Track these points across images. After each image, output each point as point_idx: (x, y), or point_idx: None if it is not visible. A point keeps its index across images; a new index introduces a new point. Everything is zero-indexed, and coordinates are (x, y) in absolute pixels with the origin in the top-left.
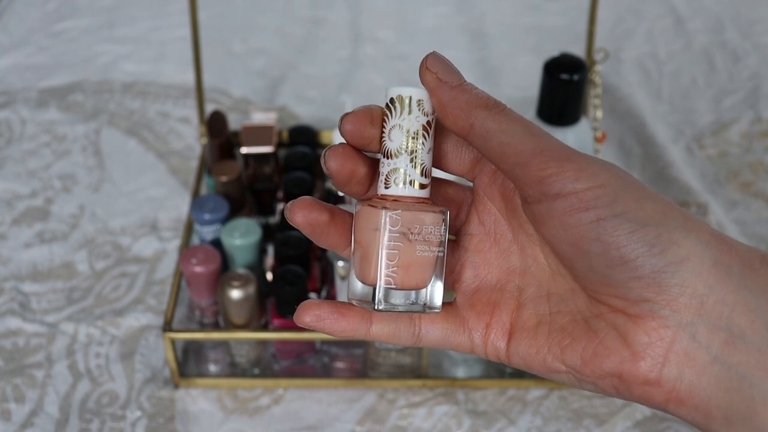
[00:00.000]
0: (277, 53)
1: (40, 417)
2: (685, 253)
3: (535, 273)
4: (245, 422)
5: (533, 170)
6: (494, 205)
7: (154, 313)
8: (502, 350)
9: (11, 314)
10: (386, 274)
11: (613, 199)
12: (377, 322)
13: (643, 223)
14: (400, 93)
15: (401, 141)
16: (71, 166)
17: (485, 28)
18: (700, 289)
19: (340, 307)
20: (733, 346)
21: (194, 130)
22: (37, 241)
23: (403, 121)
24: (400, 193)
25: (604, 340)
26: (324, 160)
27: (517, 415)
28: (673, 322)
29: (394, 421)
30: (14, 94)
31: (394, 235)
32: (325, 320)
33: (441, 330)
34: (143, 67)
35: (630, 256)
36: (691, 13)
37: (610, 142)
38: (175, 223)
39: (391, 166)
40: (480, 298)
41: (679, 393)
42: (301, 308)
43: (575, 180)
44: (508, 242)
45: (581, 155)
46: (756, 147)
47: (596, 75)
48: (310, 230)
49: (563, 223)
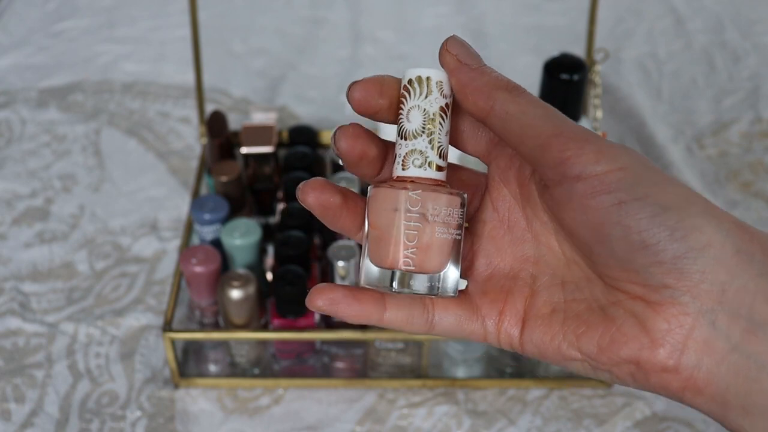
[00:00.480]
0: (277, 53)
1: (40, 417)
2: (707, 239)
3: (549, 261)
4: (245, 422)
5: (554, 152)
6: (509, 192)
7: (154, 313)
8: (515, 338)
9: (11, 314)
10: (405, 255)
11: (635, 182)
12: (391, 307)
13: (665, 207)
14: (420, 74)
15: (420, 122)
16: (71, 166)
17: (485, 28)
18: (722, 276)
19: (355, 291)
20: (753, 334)
21: (194, 130)
22: (37, 241)
23: (422, 102)
24: (418, 174)
25: (622, 327)
26: (334, 140)
27: (517, 415)
28: (693, 309)
29: (394, 421)
30: (14, 94)
31: (414, 215)
32: (339, 304)
33: (454, 317)
34: (143, 67)
35: (651, 240)
36: (691, 13)
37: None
38: (175, 223)
39: (410, 147)
40: (493, 285)
41: (696, 381)
42: (314, 292)
43: (596, 162)
44: (521, 230)
45: (601, 138)
46: (756, 147)
47: (596, 75)
48: (321, 212)
49: (584, 206)
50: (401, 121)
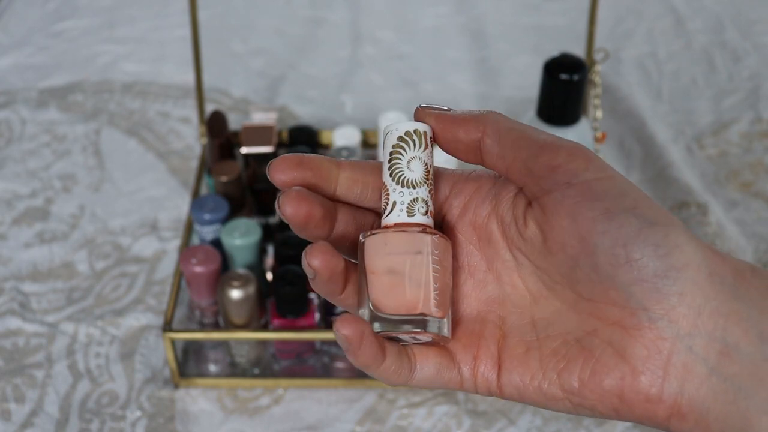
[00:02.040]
0: (277, 53)
1: (40, 417)
2: (686, 259)
3: (514, 300)
4: (245, 422)
5: (545, 159)
6: (465, 238)
7: (154, 313)
8: (493, 382)
9: (11, 314)
10: (434, 298)
11: (623, 192)
12: (389, 355)
13: (651, 221)
14: (417, 128)
15: (422, 172)
16: (71, 166)
17: (485, 28)
18: (698, 299)
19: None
20: (728, 357)
21: (194, 130)
22: (37, 241)
23: (421, 153)
24: (422, 221)
25: (601, 358)
26: (278, 206)
27: (517, 415)
28: (670, 334)
29: (394, 421)
30: (14, 94)
31: (436, 258)
32: (364, 341)
33: (434, 366)
34: (143, 67)
35: (635, 255)
36: (691, 13)
37: (610, 142)
38: (175, 223)
39: (413, 195)
40: (463, 330)
41: (681, 407)
42: (342, 320)
43: (585, 169)
44: (482, 272)
45: (590, 150)
46: (756, 147)
47: (596, 75)
48: (328, 276)
49: (573, 213)
50: (399, 169)
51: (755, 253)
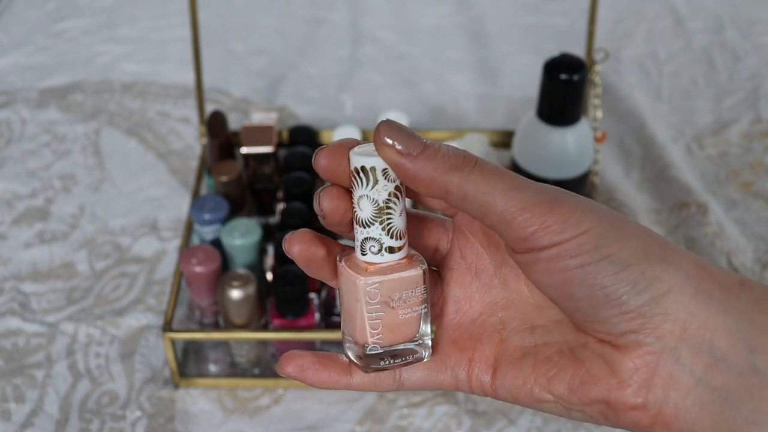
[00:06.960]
0: (277, 53)
1: (40, 417)
2: (667, 286)
3: (518, 306)
4: (245, 422)
5: (518, 228)
6: (476, 239)
7: (154, 313)
8: (487, 384)
9: (11, 314)
10: (372, 342)
11: (597, 244)
12: (357, 372)
13: (626, 264)
14: (364, 164)
15: (371, 211)
16: (71, 166)
17: (485, 28)
18: (683, 316)
19: (323, 358)
20: (716, 368)
21: (194, 130)
22: (37, 241)
23: (370, 191)
24: (375, 260)
25: (591, 369)
26: (317, 201)
27: (517, 415)
28: (657, 348)
29: (394, 421)
30: (14, 94)
31: (374, 306)
32: (306, 371)
33: (423, 371)
34: (143, 67)
35: (615, 295)
36: (691, 13)
37: (610, 142)
38: (175, 223)
39: (365, 234)
40: (462, 333)
41: (665, 416)
42: (284, 358)
43: (560, 232)
44: (489, 276)
45: (564, 201)
46: (756, 147)
47: (596, 75)
48: (306, 264)
49: (549, 269)
50: (354, 207)
51: (755, 253)
